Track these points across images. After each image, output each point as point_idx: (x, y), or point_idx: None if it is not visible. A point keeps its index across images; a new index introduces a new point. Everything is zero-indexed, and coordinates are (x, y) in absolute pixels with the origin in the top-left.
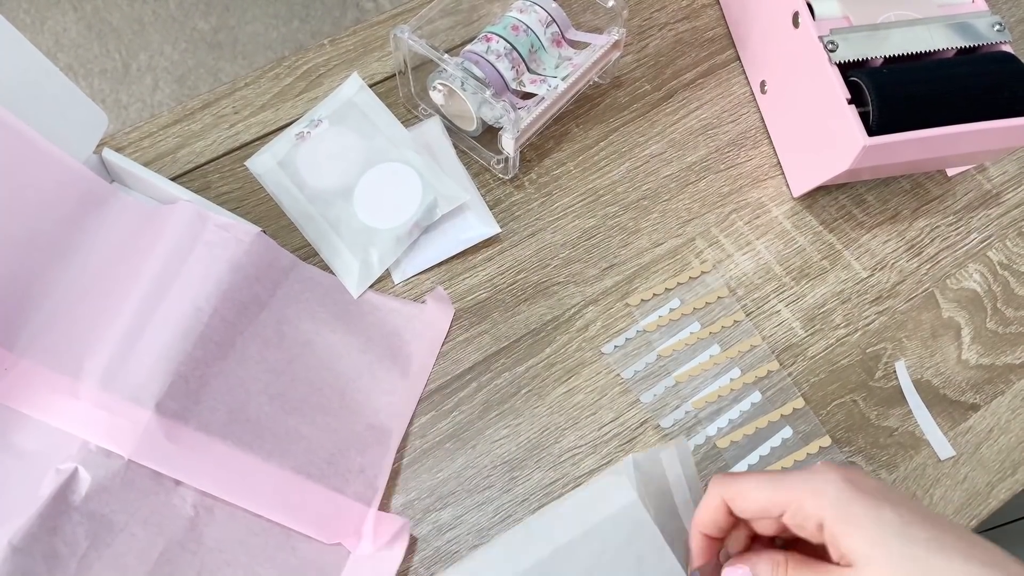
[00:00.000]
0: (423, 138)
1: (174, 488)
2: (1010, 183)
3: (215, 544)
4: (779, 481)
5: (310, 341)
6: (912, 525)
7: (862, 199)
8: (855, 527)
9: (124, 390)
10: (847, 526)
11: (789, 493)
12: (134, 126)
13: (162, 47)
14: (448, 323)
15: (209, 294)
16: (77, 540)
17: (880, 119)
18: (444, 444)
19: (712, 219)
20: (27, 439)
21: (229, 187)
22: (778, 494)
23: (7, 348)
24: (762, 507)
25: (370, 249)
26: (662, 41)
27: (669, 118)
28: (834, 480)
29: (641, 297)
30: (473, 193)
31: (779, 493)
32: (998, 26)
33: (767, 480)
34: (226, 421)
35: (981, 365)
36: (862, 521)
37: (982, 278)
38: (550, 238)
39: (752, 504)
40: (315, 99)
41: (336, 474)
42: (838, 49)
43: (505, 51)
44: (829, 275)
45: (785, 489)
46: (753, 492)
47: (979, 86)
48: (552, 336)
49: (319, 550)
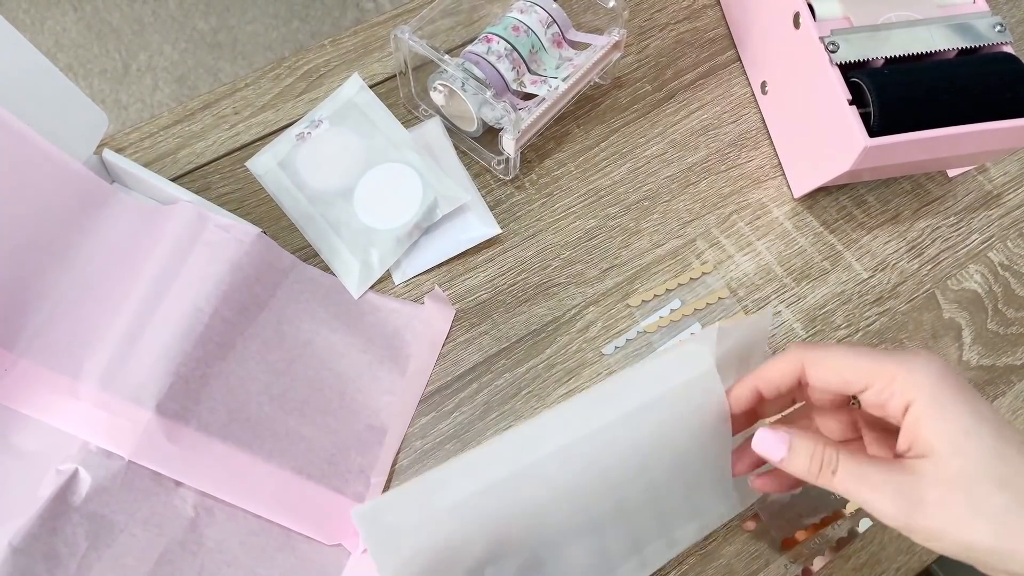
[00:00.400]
0: (423, 139)
1: (174, 489)
2: (1011, 184)
3: (215, 545)
4: (872, 354)
5: (310, 341)
6: (1005, 426)
7: (863, 200)
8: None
9: (124, 390)
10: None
11: (883, 366)
12: (134, 126)
13: (162, 47)
14: (448, 324)
15: (209, 294)
16: (77, 541)
17: (881, 120)
18: (445, 445)
19: (713, 220)
20: (27, 439)
21: (229, 188)
22: (870, 365)
23: (7, 348)
24: (846, 378)
25: (370, 250)
26: (663, 42)
27: (670, 119)
28: (935, 364)
29: (642, 298)
30: (474, 194)
31: (872, 364)
32: (999, 27)
33: (859, 352)
34: (226, 421)
35: (982, 366)
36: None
37: (983, 279)
38: (551, 239)
39: (835, 373)
40: (315, 100)
41: (336, 474)
42: (839, 50)
43: (506, 52)
44: (830, 276)
45: (879, 362)
46: (842, 359)
47: (980, 87)
48: (553, 337)
49: (319, 550)
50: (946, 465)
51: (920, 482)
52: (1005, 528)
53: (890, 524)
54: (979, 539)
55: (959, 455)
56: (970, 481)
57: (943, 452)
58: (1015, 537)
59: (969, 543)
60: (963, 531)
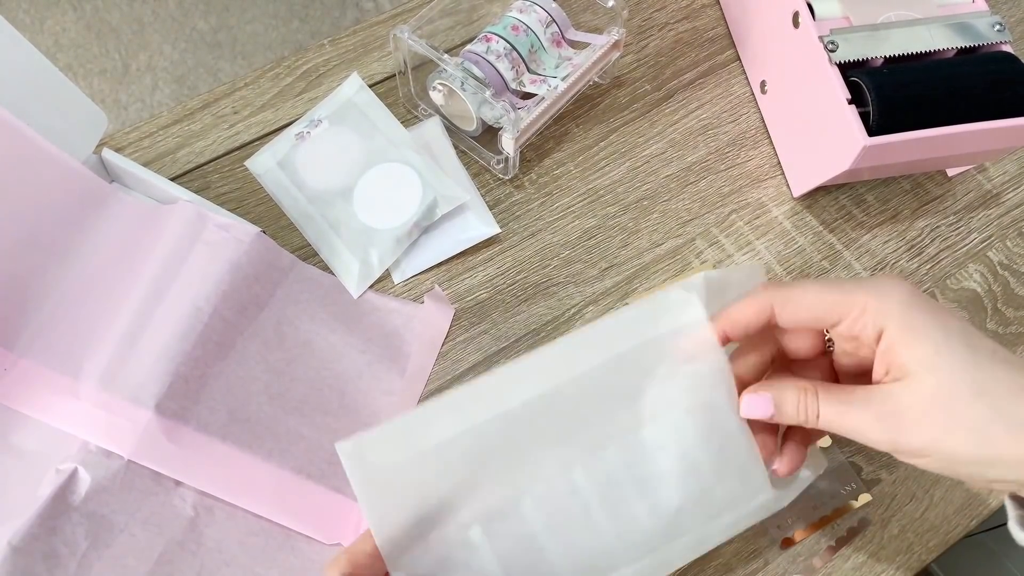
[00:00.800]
0: (423, 138)
1: (174, 488)
2: (1010, 183)
3: (215, 544)
4: (840, 286)
5: (310, 341)
6: (975, 336)
7: (862, 199)
8: (922, 334)
9: (124, 390)
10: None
11: (852, 297)
12: (134, 126)
13: (162, 47)
14: (448, 323)
15: (209, 294)
16: (77, 540)
17: (880, 119)
18: None
19: (712, 219)
20: (27, 439)
21: (229, 187)
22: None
23: (7, 348)
24: (817, 314)
25: (370, 249)
26: (662, 41)
27: (669, 118)
28: (902, 288)
29: (641, 297)
30: (473, 193)
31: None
32: (998, 26)
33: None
34: (226, 421)
35: None
36: (929, 328)
37: (982, 278)
38: (550, 238)
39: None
40: (315, 99)
41: (336, 474)
42: (838, 49)
43: (505, 51)
44: (829, 275)
45: (848, 293)
46: (811, 296)
47: (979, 86)
48: (552, 336)
49: (319, 550)
50: (921, 384)
51: (899, 404)
52: (984, 436)
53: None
54: (961, 451)
55: (933, 372)
56: (947, 396)
57: (917, 372)
58: (995, 444)
59: (952, 455)
60: (946, 445)
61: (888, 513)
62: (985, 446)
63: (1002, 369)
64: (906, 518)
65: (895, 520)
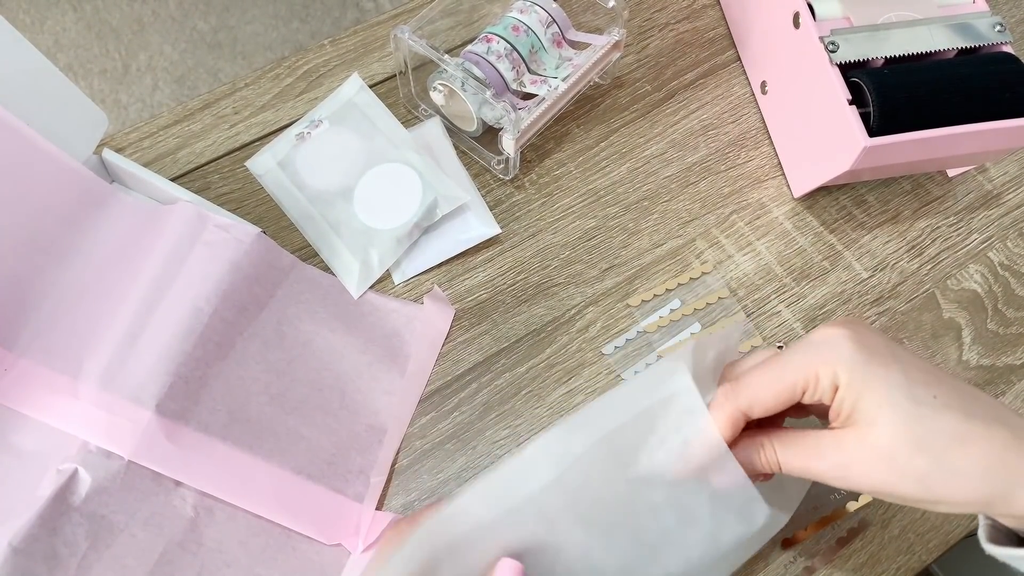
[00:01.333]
0: (423, 139)
1: (174, 489)
2: (1011, 184)
3: (215, 545)
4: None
5: (310, 341)
6: (918, 385)
7: (863, 200)
8: (867, 389)
9: (124, 390)
10: (859, 388)
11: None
12: (134, 126)
13: (162, 47)
14: (448, 324)
15: (209, 294)
16: (77, 541)
17: (881, 120)
18: (444, 445)
19: (712, 220)
20: (27, 439)
21: (229, 187)
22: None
23: (7, 348)
24: (781, 401)
25: (370, 250)
26: (663, 41)
27: (670, 119)
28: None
29: (641, 298)
30: (473, 194)
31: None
32: (999, 27)
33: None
34: (226, 421)
35: (982, 366)
36: (872, 382)
37: (983, 279)
38: (550, 239)
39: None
40: (315, 99)
41: (336, 475)
42: (839, 50)
43: (505, 51)
44: (830, 276)
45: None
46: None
47: (980, 87)
48: (552, 337)
49: (319, 551)
50: (867, 437)
51: (848, 456)
52: (926, 485)
53: (837, 486)
54: (908, 495)
55: (875, 426)
56: (889, 450)
57: (862, 425)
58: (936, 491)
59: (900, 498)
60: (893, 490)
61: (888, 513)
62: (928, 492)
63: (944, 418)
64: (907, 518)
65: (896, 520)
